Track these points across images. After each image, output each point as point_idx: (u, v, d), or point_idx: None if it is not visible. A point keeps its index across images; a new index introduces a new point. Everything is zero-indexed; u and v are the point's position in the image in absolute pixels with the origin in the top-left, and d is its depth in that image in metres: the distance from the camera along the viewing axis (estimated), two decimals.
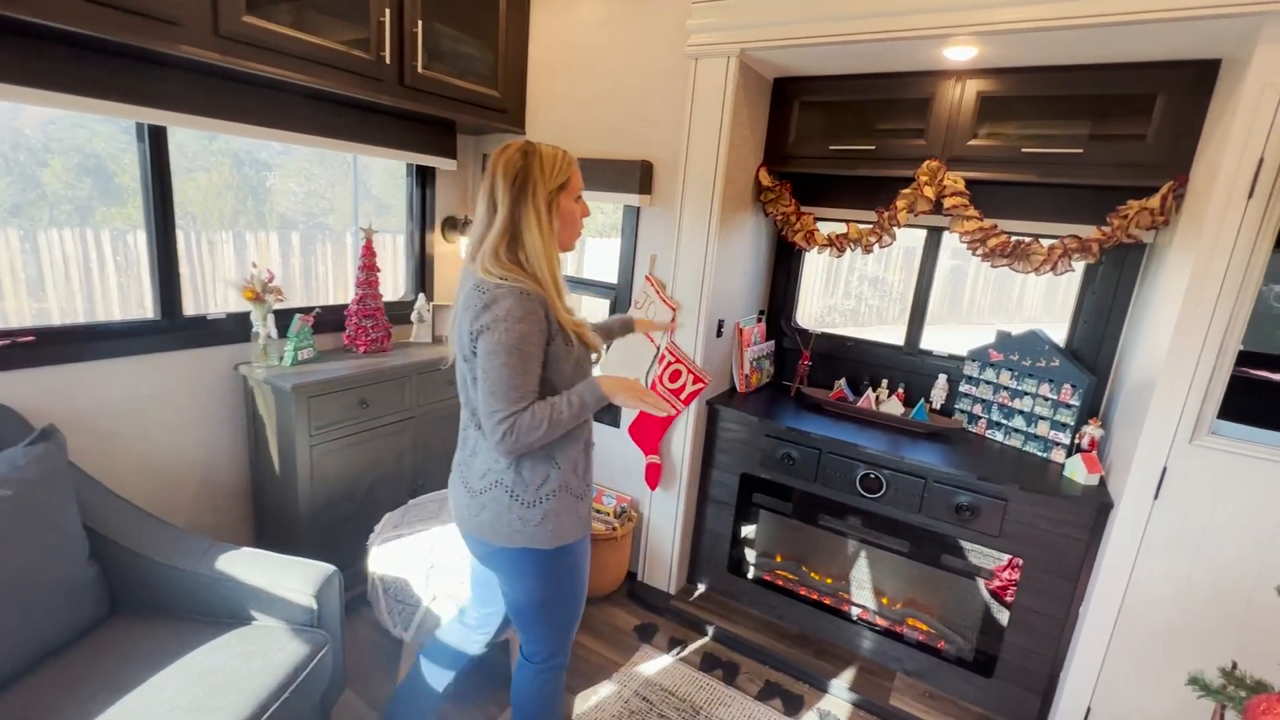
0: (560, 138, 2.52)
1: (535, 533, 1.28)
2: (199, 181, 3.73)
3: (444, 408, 2.49)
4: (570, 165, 1.28)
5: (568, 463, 1.30)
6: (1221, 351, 1.49)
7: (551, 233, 1.24)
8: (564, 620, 1.42)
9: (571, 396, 1.22)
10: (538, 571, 1.32)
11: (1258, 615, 1.54)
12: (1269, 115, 1.39)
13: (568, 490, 1.30)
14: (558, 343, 1.24)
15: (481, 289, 1.20)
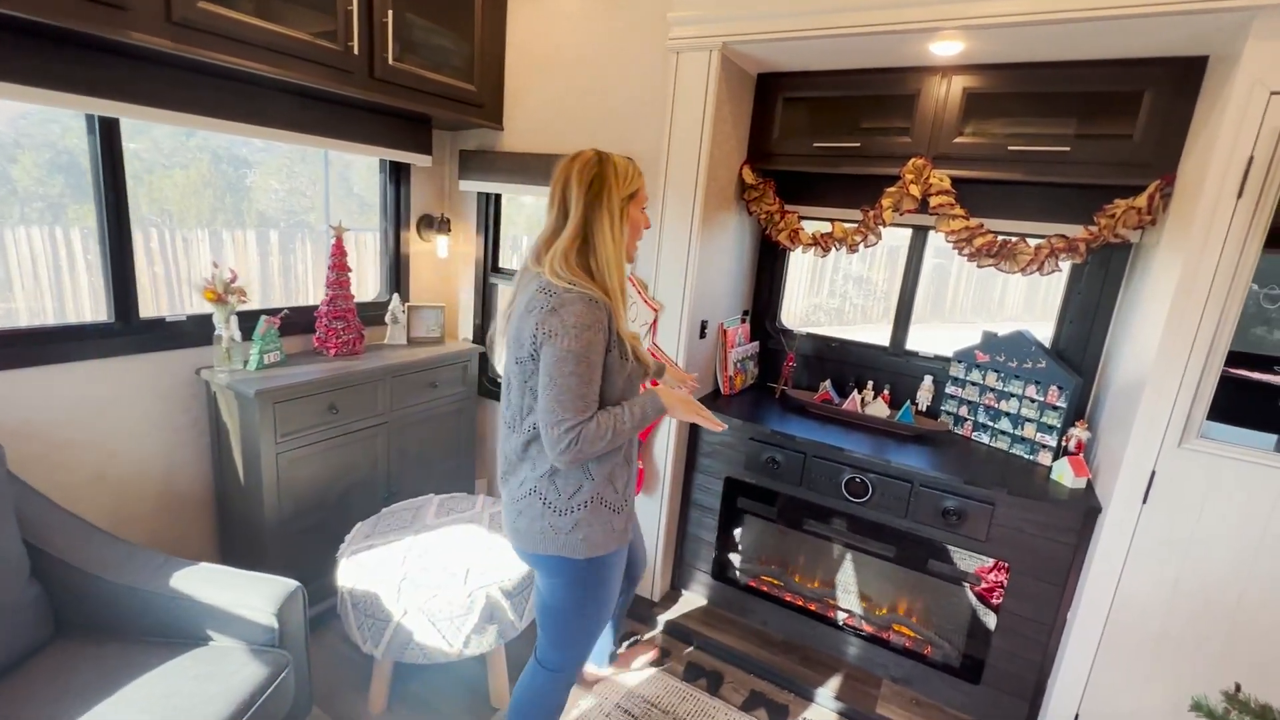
0: (538, 133, 2.45)
1: (566, 541, 1.28)
2: (175, 178, 3.62)
3: (419, 411, 2.41)
4: (640, 175, 1.30)
5: (602, 474, 1.29)
6: (1211, 353, 1.46)
7: (623, 238, 1.26)
8: (586, 631, 1.41)
9: (634, 408, 1.24)
10: (569, 580, 1.33)
11: (1246, 621, 1.52)
12: (1259, 113, 1.36)
13: (601, 501, 1.29)
14: (614, 354, 1.23)
15: (548, 292, 1.20)
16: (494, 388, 2.80)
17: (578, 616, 1.39)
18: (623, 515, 1.34)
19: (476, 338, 2.80)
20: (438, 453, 2.56)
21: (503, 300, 1.32)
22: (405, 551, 1.84)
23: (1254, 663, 1.53)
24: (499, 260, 2.76)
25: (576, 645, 1.42)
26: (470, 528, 2.01)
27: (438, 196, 2.74)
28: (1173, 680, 1.62)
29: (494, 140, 2.58)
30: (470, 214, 2.72)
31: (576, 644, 1.42)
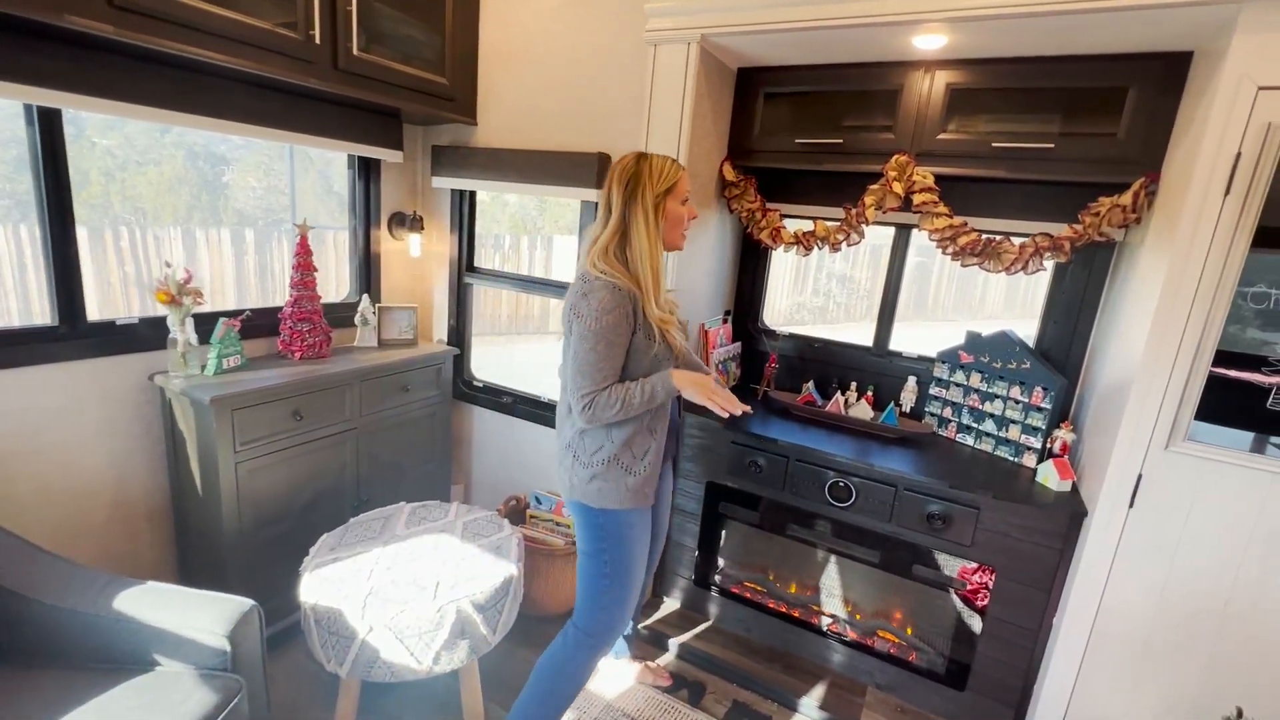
0: (513, 128, 2.38)
1: (585, 490, 1.48)
2: (149, 175, 3.50)
3: (391, 416, 2.32)
4: (677, 170, 1.42)
5: (621, 438, 1.45)
6: (1198, 354, 1.43)
7: (657, 232, 1.40)
8: (612, 590, 1.54)
9: (645, 385, 1.38)
10: (587, 524, 1.52)
11: (1232, 626, 1.50)
12: (1246, 108, 1.33)
13: (618, 463, 1.46)
14: (639, 336, 1.40)
15: (584, 279, 1.39)
16: (470, 390, 2.72)
17: (599, 566, 1.53)
18: (638, 478, 1.47)
19: (451, 339, 2.71)
20: (411, 459, 2.48)
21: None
22: (373, 564, 1.76)
23: (1240, 671, 1.50)
24: (474, 260, 2.68)
25: (605, 606, 1.55)
26: (442, 537, 1.93)
27: (410, 193, 2.65)
28: (1159, 688, 1.60)
29: (468, 135, 2.50)
30: (444, 212, 2.64)
31: (604, 604, 1.55)
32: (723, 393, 1.40)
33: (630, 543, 1.53)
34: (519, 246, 7.51)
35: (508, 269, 7.17)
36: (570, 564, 2.25)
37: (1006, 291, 9.04)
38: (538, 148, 2.30)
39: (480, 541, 1.94)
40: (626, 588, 1.55)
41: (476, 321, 2.76)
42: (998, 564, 1.81)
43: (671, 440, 1.65)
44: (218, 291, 3.98)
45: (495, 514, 2.13)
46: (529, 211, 8.12)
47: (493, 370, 2.85)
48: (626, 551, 1.53)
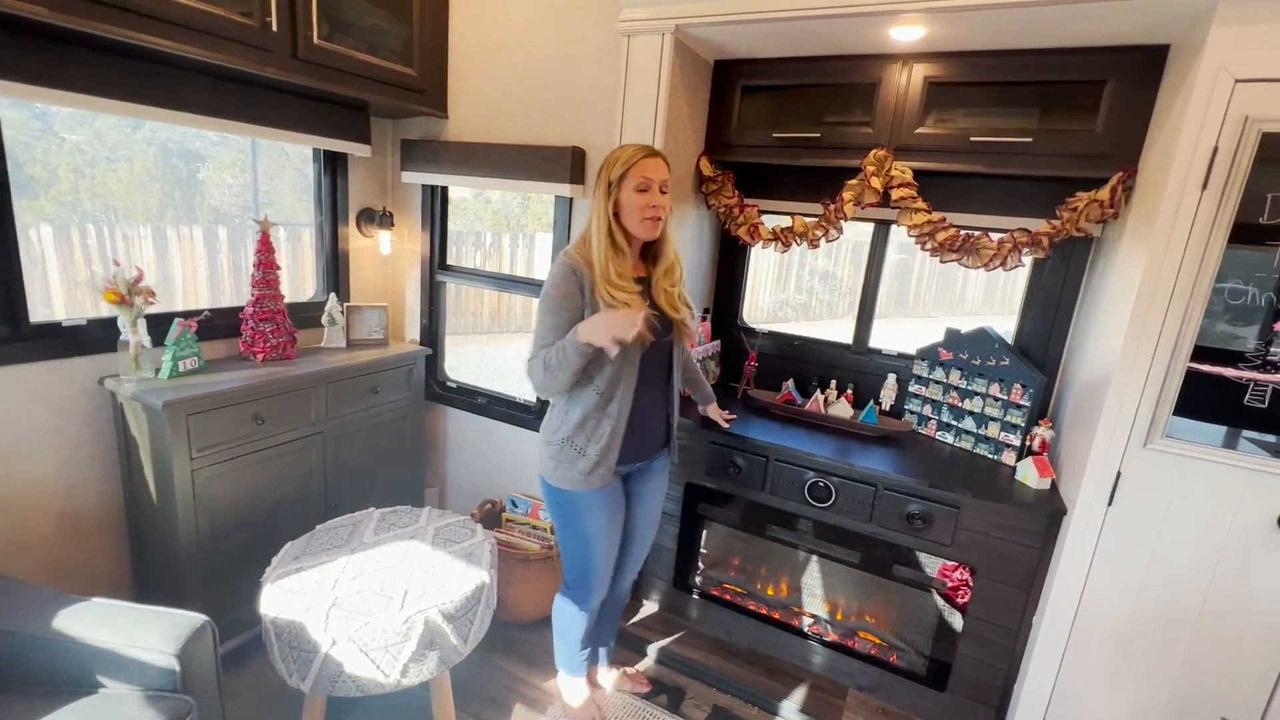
0: (486, 122, 2.31)
1: (545, 466, 1.59)
2: (119, 172, 3.38)
3: (360, 419, 2.25)
4: (631, 158, 1.44)
5: (574, 420, 1.51)
6: (1176, 351, 1.42)
7: (602, 218, 1.45)
8: (575, 559, 1.66)
9: (558, 345, 1.41)
10: (546, 496, 1.63)
11: (1209, 625, 1.49)
12: (1223, 101, 1.31)
13: (570, 444, 1.52)
14: (588, 313, 1.43)
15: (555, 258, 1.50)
16: (443, 391, 2.65)
17: (563, 537, 1.65)
18: (589, 461, 1.51)
19: (424, 339, 2.64)
20: (382, 463, 2.40)
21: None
22: (338, 573, 1.69)
23: (1217, 668, 1.50)
24: (447, 257, 2.61)
25: (576, 568, 1.68)
26: (412, 544, 1.87)
27: (379, 189, 2.57)
28: (1137, 687, 1.59)
29: (439, 129, 2.43)
30: (415, 208, 2.56)
31: (573, 567, 1.68)
32: (619, 319, 1.31)
33: (588, 522, 1.59)
34: (501, 244, 7.41)
35: (489, 267, 7.07)
36: (546, 569, 2.20)
37: (986, 287, 9.13)
38: (510, 141, 2.23)
39: (452, 548, 1.88)
40: (591, 560, 1.64)
41: (456, 321, 2.70)
42: (977, 563, 1.79)
43: (650, 433, 1.63)
44: (190, 291, 3.86)
45: (468, 519, 2.07)
46: (511, 209, 8.03)
47: (475, 370, 2.80)
48: (585, 529, 1.60)
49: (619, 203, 1.45)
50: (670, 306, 1.55)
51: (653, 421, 1.64)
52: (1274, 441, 1.39)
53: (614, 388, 1.49)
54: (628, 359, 1.48)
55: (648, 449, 1.66)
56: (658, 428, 1.66)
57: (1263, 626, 1.44)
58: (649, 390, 1.58)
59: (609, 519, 1.61)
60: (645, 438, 1.62)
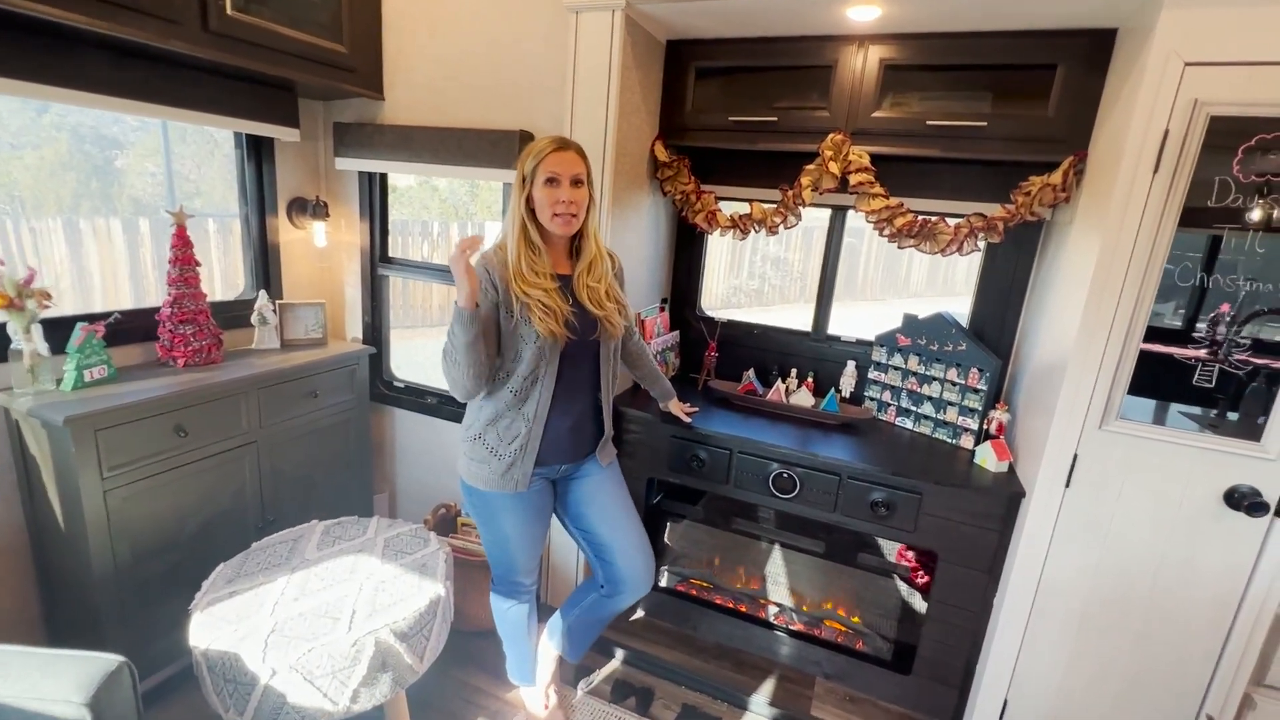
0: (426, 104, 2.17)
1: (461, 462, 1.55)
2: (26, 160, 3.06)
3: (298, 425, 2.10)
4: (541, 152, 1.37)
5: (486, 417, 1.47)
6: (1129, 333, 1.43)
7: (515, 214, 1.40)
8: (497, 555, 1.64)
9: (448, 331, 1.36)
10: (463, 494, 1.59)
11: (1161, 599, 1.53)
12: (1174, 85, 1.32)
13: (482, 442, 1.48)
14: (502, 312, 1.40)
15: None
16: (389, 392, 2.51)
17: (485, 540, 1.63)
18: (503, 462, 1.47)
19: (367, 337, 2.48)
20: (325, 471, 2.25)
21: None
22: (278, 595, 1.56)
23: (1168, 643, 1.55)
24: (389, 249, 2.46)
25: (497, 565, 1.66)
26: (360, 558, 1.75)
27: (311, 177, 2.39)
28: (1094, 662, 1.63)
29: (374, 112, 2.26)
30: (351, 196, 2.39)
31: (496, 564, 1.66)
32: (457, 255, 1.27)
33: (501, 524, 1.56)
34: (450, 234, 7.13)
35: (438, 257, 6.81)
36: None
37: (929, 271, 9.41)
38: (453, 125, 2.10)
39: (403, 560, 1.77)
40: (506, 555, 1.61)
41: (404, 313, 2.55)
42: (940, 548, 1.80)
43: (574, 437, 1.54)
44: (110, 290, 3.54)
45: (420, 527, 1.96)
46: (460, 197, 7.75)
47: (424, 365, 2.65)
48: (500, 531, 1.56)
49: (532, 198, 1.40)
50: (594, 303, 1.48)
51: (579, 423, 1.55)
52: (1222, 419, 1.43)
53: (530, 387, 1.44)
54: (545, 358, 1.42)
55: (576, 452, 1.57)
56: (585, 430, 1.57)
57: (1210, 600, 1.49)
58: (571, 391, 1.51)
59: (527, 522, 1.58)
60: (569, 441, 1.54)
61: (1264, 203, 1.30)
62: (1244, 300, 1.36)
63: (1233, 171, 1.31)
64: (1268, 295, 1.35)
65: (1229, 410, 1.42)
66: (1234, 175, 1.31)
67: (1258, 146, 1.29)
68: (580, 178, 1.39)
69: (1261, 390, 1.38)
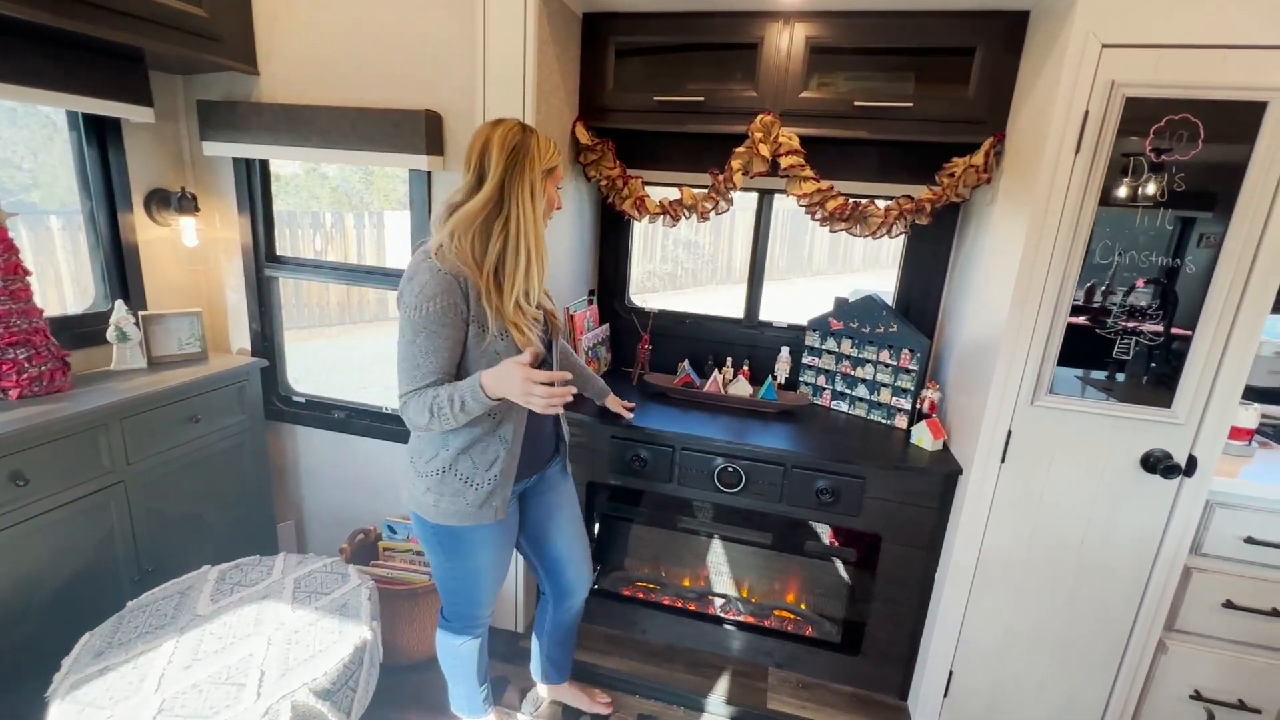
0: (312, 80, 1.90)
1: (421, 501, 1.33)
2: None
3: (176, 457, 1.80)
4: (557, 151, 1.29)
5: (458, 445, 1.29)
6: (1057, 311, 1.48)
7: (536, 221, 1.25)
8: (461, 592, 1.46)
9: (454, 395, 1.18)
10: (425, 537, 1.39)
11: (1089, 559, 1.62)
12: (1092, 66, 1.35)
13: (455, 473, 1.30)
14: (473, 329, 1.23)
15: (416, 256, 1.23)
16: (286, 408, 2.22)
17: (445, 576, 1.44)
18: (480, 491, 1.31)
19: (257, 348, 2.18)
20: (216, 506, 1.97)
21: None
22: (163, 665, 1.32)
23: (1095, 599, 1.64)
24: (275, 246, 2.16)
25: (456, 603, 1.48)
26: (266, 606, 1.52)
27: (174, 165, 2.05)
28: (1030, 626, 1.70)
29: (248, 88, 1.96)
30: (226, 187, 2.08)
31: (455, 601, 1.48)
32: (540, 388, 1.14)
33: (474, 557, 1.40)
34: (344, 225, 6.56)
35: (332, 253, 6.25)
36: (437, 598, 1.93)
37: (830, 248, 9.82)
38: (347, 104, 1.85)
39: (319, 601, 1.57)
40: (474, 591, 1.46)
41: (299, 314, 2.26)
42: (884, 529, 1.81)
43: (540, 442, 1.45)
44: None
45: (337, 560, 1.75)
46: (353, 184, 7.15)
47: (327, 370, 2.37)
48: (470, 564, 1.41)
49: (546, 195, 1.30)
50: (549, 299, 1.41)
51: (544, 428, 1.46)
52: (1138, 389, 1.50)
53: (508, 409, 1.30)
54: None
55: (541, 459, 1.48)
56: (549, 434, 1.49)
57: (1130, 557, 1.59)
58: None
59: (500, 551, 1.43)
60: (538, 450, 1.45)
61: (1157, 179, 1.36)
62: (1121, 274, 1.43)
63: (1146, 151, 1.36)
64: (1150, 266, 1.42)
65: (1144, 379, 1.50)
66: (1147, 155, 1.36)
67: (1166, 127, 1.34)
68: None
69: (1172, 358, 1.46)
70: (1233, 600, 1.56)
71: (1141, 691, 1.66)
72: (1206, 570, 1.57)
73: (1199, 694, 1.63)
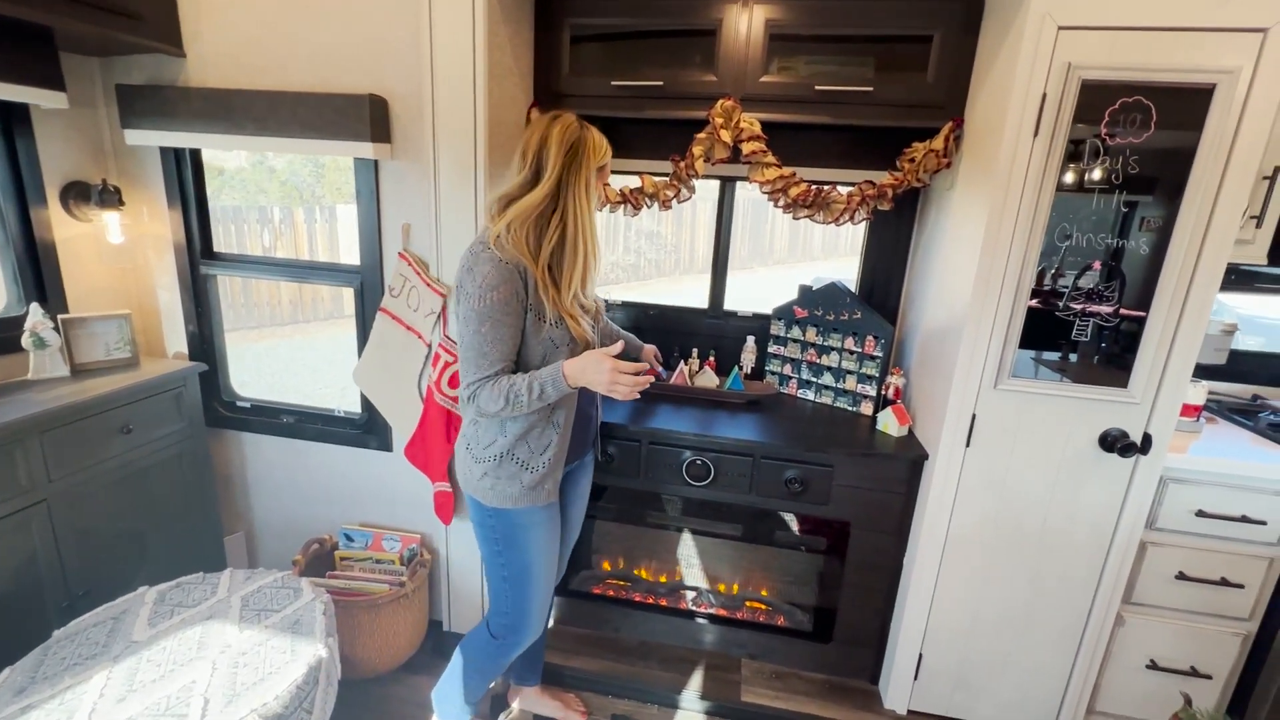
0: (245, 63, 1.78)
1: (478, 486, 1.36)
2: None
3: (106, 471, 1.68)
4: (605, 147, 1.32)
5: (516, 432, 1.31)
6: (1018, 294, 1.49)
7: (590, 215, 1.28)
8: (509, 592, 1.43)
9: (533, 383, 1.22)
10: (479, 522, 1.41)
11: (1051, 539, 1.65)
12: (1049, 48, 1.35)
13: (512, 458, 1.33)
14: (531, 317, 1.25)
15: (473, 250, 1.24)
16: (231, 414, 2.10)
17: (497, 569, 1.43)
18: (535, 474, 1.34)
19: (195, 351, 2.05)
20: (154, 521, 1.84)
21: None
22: (94, 699, 1.22)
23: (1057, 576, 1.67)
24: (212, 242, 2.02)
25: (505, 611, 1.45)
26: (210, 628, 1.43)
27: (94, 155, 1.89)
28: (997, 605, 1.73)
29: (174, 72, 1.82)
30: (154, 179, 1.93)
31: (505, 609, 1.45)
32: (626, 377, 1.21)
33: (529, 544, 1.40)
34: (293, 220, 6.28)
35: (281, 249, 5.97)
36: (401, 607, 1.86)
37: (789, 234, 9.92)
38: (283, 88, 1.73)
39: (269, 619, 1.48)
40: (528, 591, 1.43)
41: (247, 314, 2.14)
42: (853, 517, 1.81)
43: (586, 428, 1.48)
44: None
45: (289, 574, 1.66)
46: (303, 178, 6.85)
47: (279, 372, 2.24)
48: (525, 554, 1.40)
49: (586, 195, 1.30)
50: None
51: (588, 414, 1.49)
52: (1093, 368, 1.53)
53: (565, 397, 1.31)
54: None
55: (582, 447, 1.50)
56: (592, 420, 1.53)
57: (1090, 534, 1.62)
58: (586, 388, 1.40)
59: (550, 538, 1.44)
60: (581, 436, 1.47)
61: (1111, 162, 1.38)
62: (1078, 256, 1.45)
63: (1101, 134, 1.37)
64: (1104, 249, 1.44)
65: (1101, 360, 1.52)
66: (1102, 138, 1.37)
67: (1120, 110, 1.35)
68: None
69: (1126, 339, 1.48)
70: (1185, 572, 1.61)
71: (1101, 663, 1.71)
72: (1161, 544, 1.61)
73: (1154, 663, 1.68)
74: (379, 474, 2.02)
